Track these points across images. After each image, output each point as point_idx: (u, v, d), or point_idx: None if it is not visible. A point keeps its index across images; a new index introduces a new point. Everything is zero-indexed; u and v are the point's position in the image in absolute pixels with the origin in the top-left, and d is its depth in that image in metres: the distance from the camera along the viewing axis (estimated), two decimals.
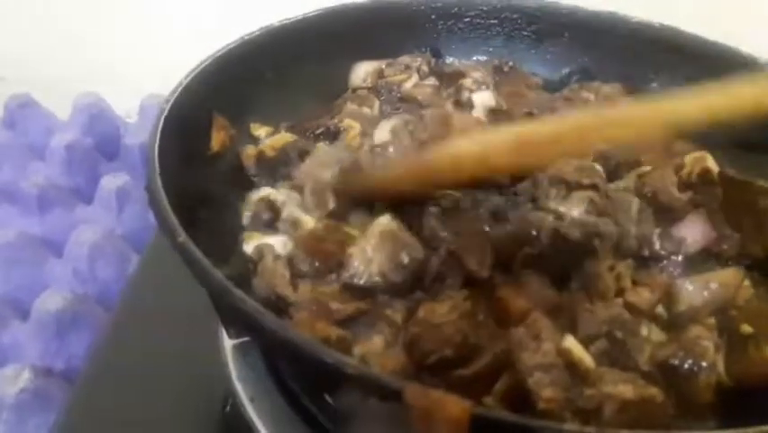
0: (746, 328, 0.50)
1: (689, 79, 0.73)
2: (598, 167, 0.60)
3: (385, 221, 0.54)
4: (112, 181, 0.94)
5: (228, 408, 0.62)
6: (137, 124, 1.14)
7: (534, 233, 0.53)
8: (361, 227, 0.56)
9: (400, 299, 0.51)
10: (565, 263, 0.52)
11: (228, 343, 0.60)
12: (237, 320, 0.47)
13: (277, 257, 0.56)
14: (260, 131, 0.69)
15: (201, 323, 0.61)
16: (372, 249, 0.52)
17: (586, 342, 0.46)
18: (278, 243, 0.58)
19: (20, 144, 1.06)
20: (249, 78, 0.68)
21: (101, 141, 1.09)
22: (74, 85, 1.14)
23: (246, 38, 0.68)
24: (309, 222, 0.58)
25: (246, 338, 0.58)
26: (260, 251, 0.56)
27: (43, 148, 1.03)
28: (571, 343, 0.44)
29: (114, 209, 0.94)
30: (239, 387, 0.57)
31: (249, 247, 0.58)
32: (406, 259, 0.52)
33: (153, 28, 1.20)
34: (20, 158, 1.03)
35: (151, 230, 0.89)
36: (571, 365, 0.44)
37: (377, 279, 0.52)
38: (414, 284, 0.52)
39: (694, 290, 0.52)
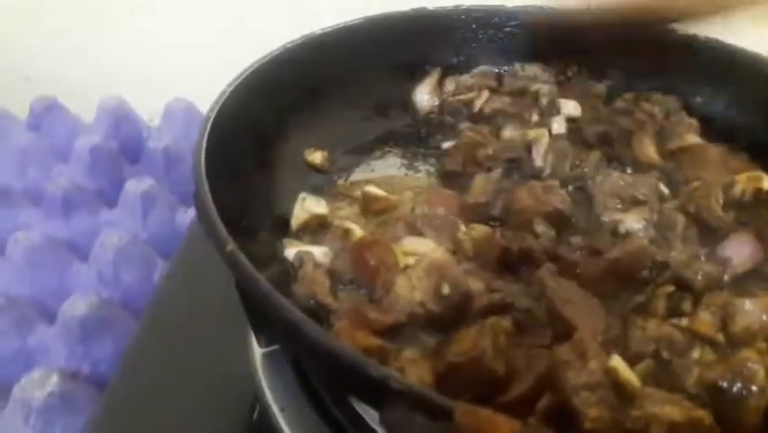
0: None
1: (734, 94, 0.74)
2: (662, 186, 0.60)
3: (437, 253, 0.53)
4: (136, 186, 0.93)
5: (255, 416, 0.62)
6: (161, 128, 1.13)
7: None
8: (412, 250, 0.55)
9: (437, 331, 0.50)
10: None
11: (258, 351, 0.58)
12: (283, 332, 0.45)
13: (317, 265, 0.55)
14: (315, 155, 0.68)
15: (230, 330, 0.61)
16: (418, 278, 0.51)
17: (632, 361, 0.45)
18: (319, 252, 0.57)
19: (44, 147, 1.05)
20: (291, 86, 0.67)
21: (125, 144, 1.09)
22: (98, 88, 1.13)
23: (288, 45, 0.68)
24: (358, 231, 0.58)
25: (276, 347, 0.57)
26: (301, 258, 0.56)
27: (68, 150, 1.03)
28: (617, 362, 0.43)
29: (139, 214, 0.93)
30: (269, 396, 0.56)
31: (290, 253, 0.57)
32: (447, 290, 0.51)
33: (177, 32, 1.19)
34: (44, 160, 1.03)
35: (176, 235, 0.88)
36: (617, 385, 0.42)
37: (418, 309, 0.51)
38: (456, 318, 0.50)
39: (753, 312, 0.51)
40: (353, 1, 0.97)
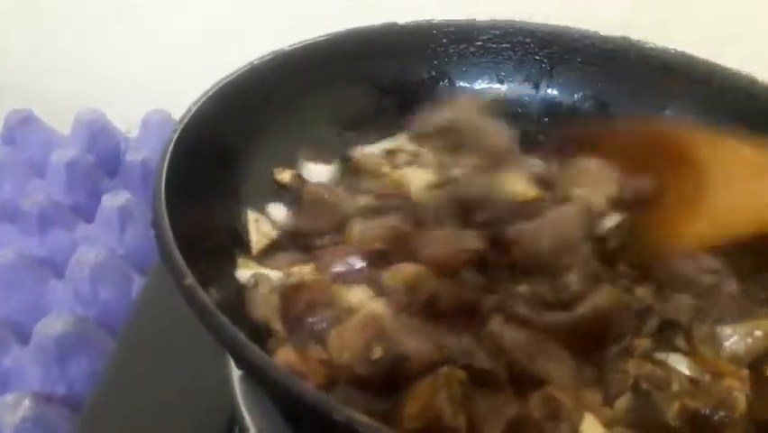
0: None
1: (699, 105, 0.74)
2: None
3: (375, 305, 0.50)
4: (113, 200, 0.93)
5: None
6: (138, 140, 1.12)
7: None
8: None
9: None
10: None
11: (236, 372, 0.58)
12: (245, 368, 0.45)
13: (273, 289, 0.54)
14: (284, 174, 0.68)
15: (208, 349, 0.58)
16: (350, 336, 0.48)
17: (612, 399, 0.45)
18: (275, 275, 0.56)
19: (20, 161, 1.04)
20: (259, 103, 0.67)
21: (102, 157, 1.08)
22: (75, 99, 1.12)
23: (256, 62, 0.67)
24: (307, 271, 0.56)
25: None
26: (256, 280, 0.55)
27: (43, 165, 1.02)
28: (589, 424, 0.43)
29: (116, 229, 0.92)
30: (247, 418, 0.55)
31: (243, 274, 0.56)
32: (378, 353, 0.47)
33: (155, 44, 1.19)
34: (20, 175, 1.02)
35: (154, 249, 0.87)
36: None
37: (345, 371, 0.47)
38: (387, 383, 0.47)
39: (737, 338, 0.50)
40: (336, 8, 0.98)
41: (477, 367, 0.46)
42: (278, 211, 0.64)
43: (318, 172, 0.69)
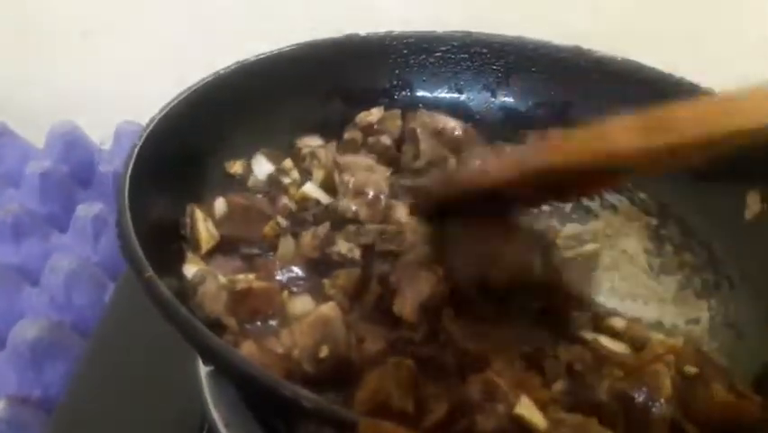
0: (691, 369, 0.52)
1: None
2: None
3: (327, 309, 0.52)
4: (87, 210, 0.95)
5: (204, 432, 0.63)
6: (111, 152, 1.15)
7: None
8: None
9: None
10: None
11: (203, 369, 0.60)
12: (202, 354, 0.47)
13: (221, 287, 0.55)
14: (236, 167, 0.70)
15: (177, 349, 0.60)
16: (301, 334, 0.50)
17: (549, 382, 0.48)
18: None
19: None
20: (223, 113, 0.69)
21: (76, 168, 1.10)
22: (49, 112, 1.14)
23: (221, 72, 0.70)
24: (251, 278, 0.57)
25: None
26: (203, 276, 0.56)
27: (18, 176, 1.04)
28: (524, 407, 0.45)
29: (90, 237, 0.94)
30: (214, 413, 0.57)
31: (189, 271, 0.58)
32: (324, 352, 0.49)
33: (128, 56, 1.20)
34: None
35: None
36: (525, 429, 0.45)
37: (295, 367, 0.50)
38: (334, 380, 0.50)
39: None
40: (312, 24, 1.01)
41: (425, 356, 0.49)
42: (222, 206, 0.65)
43: (266, 167, 0.71)
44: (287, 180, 0.70)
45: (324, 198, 0.67)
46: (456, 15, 0.89)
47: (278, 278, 0.58)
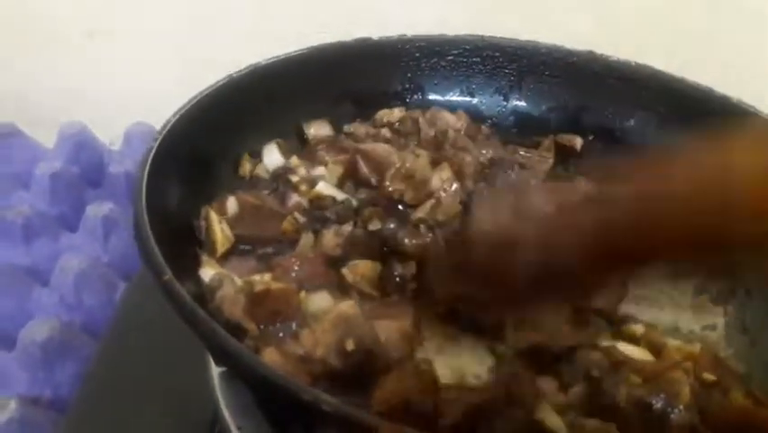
0: (709, 376, 0.52)
1: (662, 117, 0.77)
2: None
3: (346, 306, 0.52)
4: (97, 210, 0.95)
5: None
6: (121, 153, 1.15)
7: None
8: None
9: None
10: None
11: (216, 370, 0.60)
12: (220, 358, 0.47)
13: (238, 290, 0.55)
14: (247, 168, 0.70)
15: (189, 350, 0.59)
16: (323, 332, 0.51)
17: (566, 387, 0.48)
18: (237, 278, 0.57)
19: (4, 174, 1.06)
20: (236, 116, 0.69)
21: (86, 169, 1.10)
22: (59, 113, 1.14)
23: (234, 75, 0.70)
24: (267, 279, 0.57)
25: None
26: (220, 279, 0.56)
27: (28, 177, 1.04)
28: (543, 411, 0.45)
29: (100, 237, 0.94)
30: (226, 414, 0.57)
31: (206, 275, 0.57)
32: (351, 346, 0.49)
33: (134, 56, 1.21)
34: (4, 187, 1.04)
35: (137, 257, 0.89)
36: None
37: (318, 366, 0.50)
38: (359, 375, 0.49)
39: None
40: (314, 26, 1.01)
41: None
42: (233, 206, 0.65)
43: (276, 158, 0.72)
44: (295, 178, 0.69)
45: (340, 195, 0.67)
46: (459, 19, 0.89)
47: (293, 275, 0.57)
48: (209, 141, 0.66)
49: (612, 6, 1.04)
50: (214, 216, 0.61)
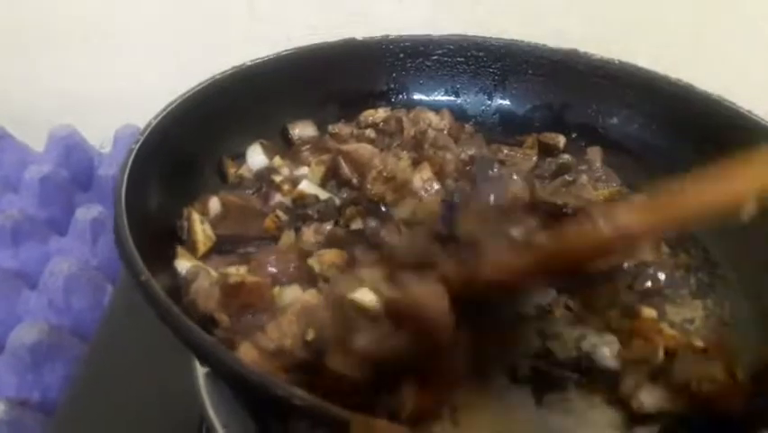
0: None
1: (646, 116, 0.78)
2: None
3: (308, 296, 0.54)
4: (86, 213, 0.95)
5: None
6: (111, 155, 1.15)
7: None
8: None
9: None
10: None
11: (201, 371, 0.61)
12: (198, 356, 0.48)
13: (213, 283, 0.55)
14: (230, 169, 0.71)
15: (175, 352, 0.61)
16: (288, 323, 0.51)
17: None
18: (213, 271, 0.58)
19: None
20: (220, 118, 0.70)
21: (76, 172, 1.10)
22: (48, 116, 1.15)
23: (218, 77, 0.70)
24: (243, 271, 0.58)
25: None
26: (196, 272, 0.57)
27: (17, 180, 1.04)
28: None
29: (89, 241, 0.94)
30: (212, 413, 0.58)
31: (182, 267, 0.58)
32: (311, 335, 0.50)
33: (126, 60, 1.21)
34: None
35: None
36: None
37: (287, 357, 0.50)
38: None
39: None
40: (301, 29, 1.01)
41: None
42: (216, 206, 0.66)
43: (259, 158, 0.72)
44: (278, 178, 0.70)
45: (323, 194, 0.68)
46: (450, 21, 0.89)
47: (269, 270, 0.58)
48: (192, 142, 0.66)
49: (601, 6, 1.05)
50: (195, 216, 0.62)
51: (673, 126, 0.76)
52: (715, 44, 1.02)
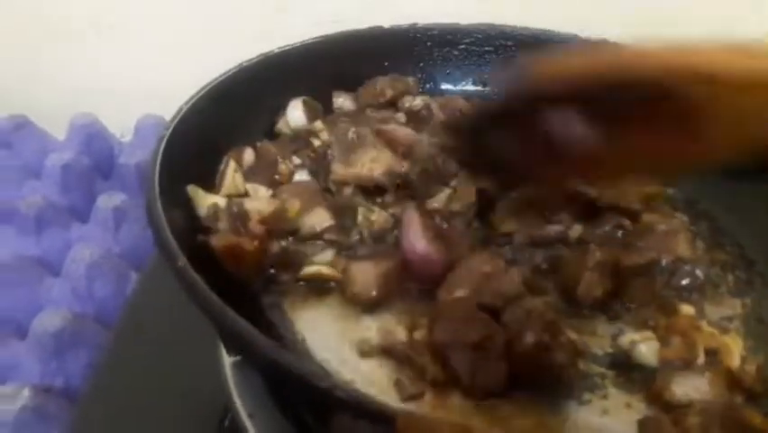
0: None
1: None
2: None
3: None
4: (108, 200, 0.96)
5: (227, 422, 0.64)
6: (132, 144, 1.15)
7: None
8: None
9: None
10: None
11: (228, 359, 0.60)
12: (235, 348, 0.47)
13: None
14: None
15: (201, 339, 0.61)
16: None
17: None
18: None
19: (16, 165, 1.07)
20: (248, 105, 0.69)
21: (97, 160, 1.10)
22: (69, 105, 1.15)
23: (245, 64, 0.69)
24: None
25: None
26: (216, 209, 0.59)
27: (39, 168, 1.04)
28: None
29: (111, 228, 0.95)
30: (238, 403, 0.58)
31: (203, 210, 0.59)
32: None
33: (148, 48, 1.21)
34: (16, 178, 1.04)
35: (149, 248, 0.90)
36: None
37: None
38: None
39: None
40: (324, 14, 1.00)
41: None
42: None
43: (298, 116, 0.72)
44: (316, 143, 0.69)
45: None
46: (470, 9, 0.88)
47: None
48: (221, 129, 0.65)
49: None
50: (232, 164, 0.64)
51: None
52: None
